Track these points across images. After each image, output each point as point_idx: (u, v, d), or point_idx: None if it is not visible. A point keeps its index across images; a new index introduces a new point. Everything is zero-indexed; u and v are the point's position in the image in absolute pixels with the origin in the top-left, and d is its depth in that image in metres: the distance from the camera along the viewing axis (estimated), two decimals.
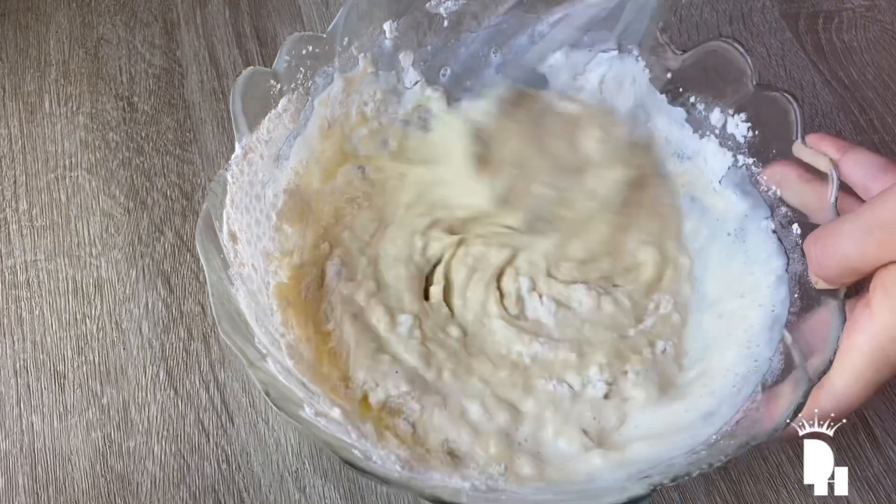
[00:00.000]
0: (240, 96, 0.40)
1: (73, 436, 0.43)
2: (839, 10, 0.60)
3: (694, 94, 0.46)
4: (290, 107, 0.43)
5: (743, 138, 0.44)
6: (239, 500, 0.42)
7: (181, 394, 0.44)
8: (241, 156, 0.40)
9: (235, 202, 0.40)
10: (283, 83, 0.43)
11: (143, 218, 0.50)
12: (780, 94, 0.41)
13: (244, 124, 0.41)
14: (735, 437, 0.34)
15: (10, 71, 0.56)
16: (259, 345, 0.36)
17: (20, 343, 0.46)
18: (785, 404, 0.34)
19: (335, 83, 0.45)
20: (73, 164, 0.52)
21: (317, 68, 0.44)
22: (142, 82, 0.56)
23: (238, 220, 0.40)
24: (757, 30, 0.59)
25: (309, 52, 0.43)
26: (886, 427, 0.44)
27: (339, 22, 0.44)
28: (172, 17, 0.59)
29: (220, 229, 0.38)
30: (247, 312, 0.37)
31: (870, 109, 0.55)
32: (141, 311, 0.47)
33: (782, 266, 0.40)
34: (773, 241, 0.41)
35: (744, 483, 0.42)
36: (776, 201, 0.42)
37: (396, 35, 0.46)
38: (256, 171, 0.41)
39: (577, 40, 0.48)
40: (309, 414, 0.34)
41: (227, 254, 0.38)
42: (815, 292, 0.37)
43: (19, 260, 0.48)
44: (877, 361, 0.33)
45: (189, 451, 0.43)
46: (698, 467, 0.32)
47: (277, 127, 0.43)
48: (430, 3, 0.46)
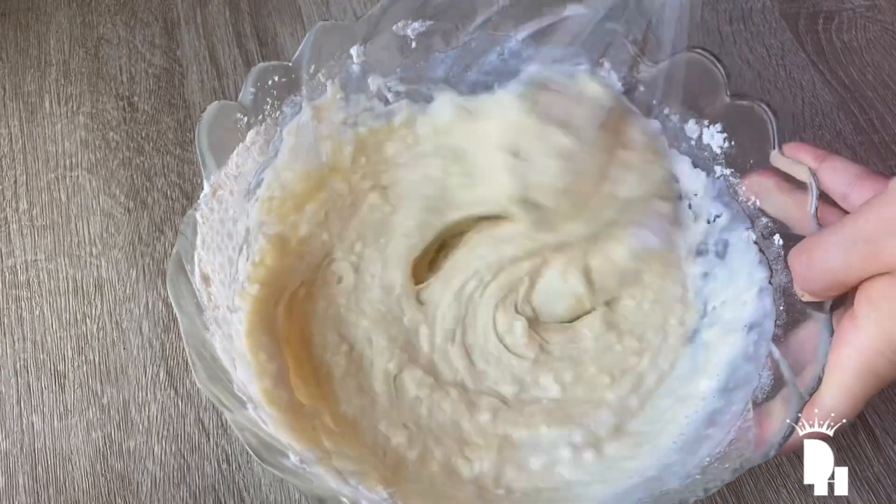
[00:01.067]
0: (206, 133, 0.39)
1: (73, 435, 0.43)
2: (839, 10, 0.60)
3: (668, 106, 0.45)
4: (259, 139, 0.42)
5: (720, 149, 0.43)
6: (239, 499, 0.42)
7: (181, 393, 0.44)
8: (209, 194, 0.39)
9: (206, 242, 0.38)
10: (251, 115, 0.41)
11: (143, 217, 0.50)
12: (756, 103, 0.41)
13: (212, 161, 0.39)
14: (728, 461, 0.34)
15: (11, 71, 0.56)
16: (238, 392, 0.35)
17: (20, 343, 0.46)
18: (777, 423, 0.33)
19: (304, 111, 0.44)
20: (73, 164, 0.52)
21: (284, 98, 0.43)
22: (142, 82, 0.56)
23: (210, 261, 0.38)
24: (757, 30, 0.59)
25: (275, 83, 0.42)
26: (886, 427, 0.44)
27: (304, 49, 0.42)
28: (173, 17, 0.59)
29: (192, 272, 0.37)
30: (224, 358, 0.36)
31: (870, 109, 0.55)
32: (141, 311, 0.47)
33: (765, 278, 0.40)
34: (754, 252, 0.41)
35: (744, 483, 0.42)
36: (756, 212, 0.41)
37: (364, 59, 0.45)
38: (227, 209, 0.40)
39: (551, 56, 0.46)
40: (294, 462, 0.33)
41: (200, 297, 0.37)
42: (800, 305, 0.36)
43: (20, 259, 0.48)
44: (865, 375, 0.33)
45: (189, 450, 0.43)
46: (694, 494, 0.32)
47: (246, 161, 0.41)
48: (397, 26, 0.45)
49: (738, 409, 0.37)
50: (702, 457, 0.36)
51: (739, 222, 0.42)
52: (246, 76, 0.41)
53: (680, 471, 0.36)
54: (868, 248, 0.32)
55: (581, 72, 0.45)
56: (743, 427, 0.36)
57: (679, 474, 0.35)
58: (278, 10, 0.59)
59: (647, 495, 0.35)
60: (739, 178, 0.42)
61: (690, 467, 0.36)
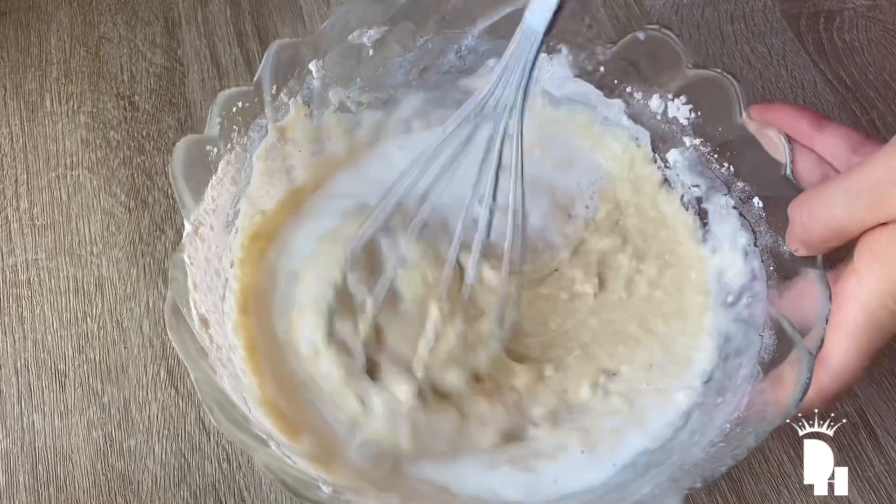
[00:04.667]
0: (180, 171, 0.38)
1: (73, 434, 0.43)
2: (840, 10, 0.60)
3: (629, 85, 0.46)
4: (230, 169, 0.42)
5: (686, 120, 0.44)
6: (240, 499, 0.42)
7: (182, 392, 0.44)
8: (192, 232, 0.38)
9: (198, 284, 0.38)
10: (220, 146, 0.41)
11: (144, 217, 0.50)
12: (717, 72, 0.42)
13: (189, 199, 0.38)
14: (750, 424, 0.34)
15: (12, 70, 0.56)
16: (256, 430, 0.35)
17: (21, 342, 0.46)
18: (791, 385, 0.33)
19: (269, 134, 0.44)
20: (74, 163, 0.52)
21: (249, 123, 0.43)
22: (143, 81, 0.56)
23: (204, 301, 0.38)
24: (758, 29, 0.59)
25: (239, 109, 0.42)
26: (887, 426, 0.44)
27: (263, 71, 0.42)
28: (174, 16, 0.59)
29: (190, 316, 0.36)
30: (235, 398, 0.35)
31: (871, 109, 0.55)
32: (142, 310, 0.47)
33: (748, 241, 0.40)
34: (734, 217, 0.42)
35: (745, 482, 0.42)
36: (731, 178, 0.42)
37: (324, 73, 0.45)
38: (210, 246, 0.40)
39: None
40: (328, 492, 0.33)
41: (202, 341, 0.36)
42: (790, 262, 0.36)
43: (20, 259, 0.48)
44: (870, 329, 0.33)
45: (190, 449, 0.43)
46: (723, 463, 0.32)
47: (221, 193, 0.41)
48: (353, 35, 0.45)
49: (746, 372, 0.37)
50: (721, 425, 0.36)
51: (716, 190, 0.43)
52: (214, 105, 0.41)
53: (700, 440, 0.36)
54: (873, 196, 0.32)
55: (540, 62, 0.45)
56: (757, 389, 0.36)
57: (700, 444, 0.36)
58: (279, 9, 0.59)
59: (677, 469, 0.35)
60: (709, 147, 0.43)
61: (712, 436, 0.36)
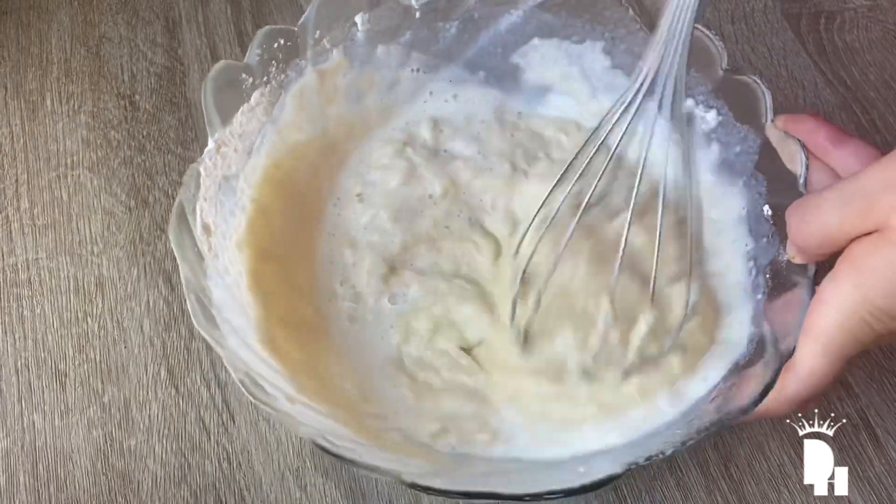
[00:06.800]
0: (211, 91, 0.40)
1: (74, 434, 0.43)
2: (841, 11, 0.60)
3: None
4: (263, 100, 0.43)
5: (715, 122, 0.44)
6: (240, 498, 0.42)
7: (182, 392, 0.44)
8: (213, 149, 0.40)
9: (208, 196, 0.40)
10: (255, 77, 0.43)
11: (144, 216, 0.50)
12: (750, 77, 0.41)
13: (217, 118, 0.41)
14: (707, 416, 0.35)
15: (12, 69, 0.56)
16: (230, 326, 0.36)
17: (21, 341, 0.46)
18: (753, 386, 0.34)
19: (307, 76, 0.45)
20: (74, 163, 0.52)
21: (289, 61, 0.44)
22: (143, 80, 0.56)
23: (211, 212, 0.40)
24: (759, 29, 0.59)
25: (280, 46, 0.43)
26: (888, 427, 0.44)
27: (310, 15, 0.44)
28: (174, 16, 0.59)
29: (194, 223, 0.38)
30: (223, 306, 0.37)
31: (872, 109, 0.55)
32: (142, 310, 0.47)
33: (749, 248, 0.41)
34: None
35: (745, 483, 0.42)
36: None
37: (369, 27, 0.46)
38: (230, 164, 0.41)
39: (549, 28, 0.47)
40: (285, 405, 0.34)
41: (201, 246, 0.38)
42: (786, 273, 0.37)
43: (21, 258, 0.48)
44: (842, 336, 0.32)
45: (190, 449, 0.43)
46: (672, 445, 0.33)
47: (250, 121, 0.43)
48: None
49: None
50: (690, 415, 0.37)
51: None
52: (255, 37, 0.43)
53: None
54: (862, 204, 0.32)
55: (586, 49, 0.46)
56: (724, 388, 0.37)
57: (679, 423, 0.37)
58: (280, 8, 0.59)
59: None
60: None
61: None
